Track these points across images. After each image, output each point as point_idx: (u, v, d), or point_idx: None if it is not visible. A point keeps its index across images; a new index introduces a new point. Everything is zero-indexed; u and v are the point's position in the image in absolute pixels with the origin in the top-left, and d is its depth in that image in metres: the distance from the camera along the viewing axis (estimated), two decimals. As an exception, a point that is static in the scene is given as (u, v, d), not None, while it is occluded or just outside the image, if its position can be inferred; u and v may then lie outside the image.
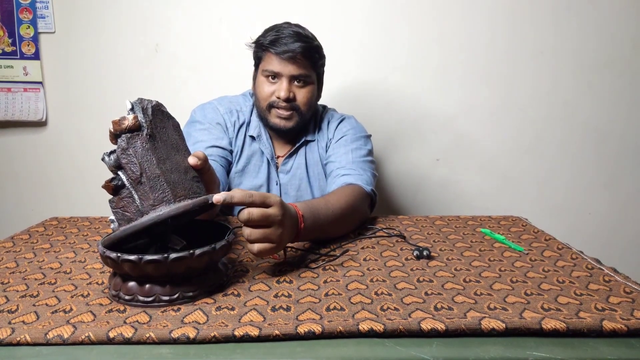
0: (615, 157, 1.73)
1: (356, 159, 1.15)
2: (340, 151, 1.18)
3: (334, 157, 1.18)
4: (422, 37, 1.64)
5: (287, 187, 1.22)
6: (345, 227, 0.96)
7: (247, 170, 1.20)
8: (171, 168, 0.65)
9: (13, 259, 0.80)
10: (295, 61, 1.10)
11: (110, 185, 0.63)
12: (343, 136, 1.21)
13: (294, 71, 1.11)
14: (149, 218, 0.60)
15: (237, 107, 1.23)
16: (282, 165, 1.22)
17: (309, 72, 1.13)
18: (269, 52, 1.12)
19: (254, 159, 1.21)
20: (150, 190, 0.61)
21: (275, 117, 1.15)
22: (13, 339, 0.52)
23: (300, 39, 1.10)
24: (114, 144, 0.63)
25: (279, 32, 1.12)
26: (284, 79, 1.12)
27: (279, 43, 1.10)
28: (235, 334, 0.52)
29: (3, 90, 1.65)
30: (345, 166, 1.13)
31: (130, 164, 0.62)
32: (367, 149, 1.21)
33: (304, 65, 1.12)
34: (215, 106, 1.22)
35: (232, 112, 1.21)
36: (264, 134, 1.21)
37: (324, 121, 1.26)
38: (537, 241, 0.90)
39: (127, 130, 0.62)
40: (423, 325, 0.53)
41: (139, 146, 0.62)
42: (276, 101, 1.13)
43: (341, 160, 1.15)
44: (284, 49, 1.09)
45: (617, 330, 0.53)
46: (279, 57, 1.10)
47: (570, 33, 1.64)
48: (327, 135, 1.24)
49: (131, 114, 0.64)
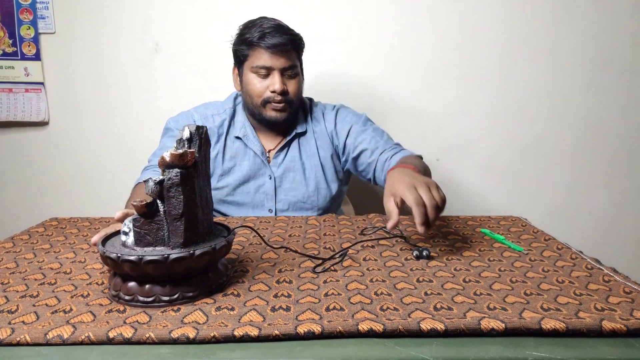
0: (614, 157, 1.73)
1: (383, 138, 1.23)
2: (366, 138, 1.23)
3: (365, 145, 1.22)
4: (422, 37, 1.64)
5: (281, 180, 1.23)
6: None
7: (234, 170, 1.21)
8: (201, 204, 0.65)
9: (13, 259, 0.80)
10: (284, 53, 1.13)
11: (145, 210, 0.61)
12: (353, 124, 1.26)
13: (285, 63, 1.13)
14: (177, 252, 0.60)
15: (213, 111, 1.25)
16: (273, 158, 1.23)
17: (296, 63, 1.17)
18: (258, 47, 1.13)
19: (239, 157, 1.21)
20: (184, 230, 0.61)
21: (270, 110, 1.16)
22: (13, 339, 0.52)
23: (285, 32, 1.14)
24: (161, 168, 0.61)
25: (263, 27, 1.13)
26: (275, 73, 1.13)
27: (267, 37, 1.12)
28: (235, 334, 0.52)
29: (5, 90, 1.65)
30: (385, 148, 1.20)
31: (175, 201, 0.61)
32: (377, 126, 1.28)
33: (292, 57, 1.15)
34: (190, 114, 1.25)
35: (206, 118, 1.23)
36: (251, 132, 1.22)
37: (317, 112, 1.28)
38: (537, 241, 0.90)
39: (183, 166, 0.61)
40: (422, 325, 0.53)
41: (189, 187, 0.62)
42: (271, 96, 1.14)
43: (375, 145, 1.21)
44: (273, 42, 1.11)
45: (617, 330, 0.53)
46: (269, 51, 1.12)
47: (570, 33, 1.64)
48: (326, 125, 1.26)
49: (188, 148, 0.63)
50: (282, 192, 1.23)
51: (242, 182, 1.21)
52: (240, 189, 1.22)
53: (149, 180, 0.60)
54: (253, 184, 1.22)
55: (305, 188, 1.23)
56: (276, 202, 1.22)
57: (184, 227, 0.61)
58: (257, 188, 1.22)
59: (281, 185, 1.23)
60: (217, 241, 0.65)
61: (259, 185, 1.22)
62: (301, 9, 1.62)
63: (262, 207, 1.22)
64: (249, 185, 1.22)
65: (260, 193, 1.22)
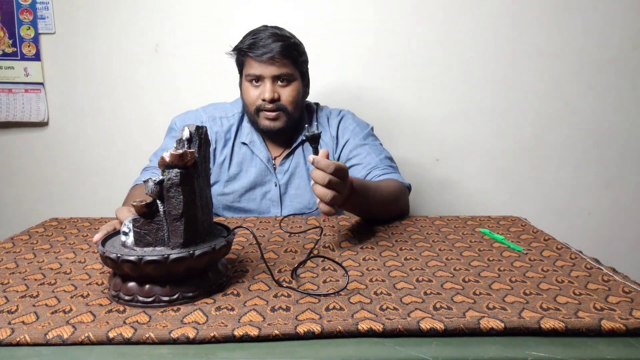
0: (615, 157, 1.73)
1: (380, 156, 1.19)
2: (361, 152, 1.20)
3: (358, 160, 1.19)
4: (422, 37, 1.64)
5: (286, 187, 1.22)
6: (388, 209, 1.02)
7: (241, 177, 1.21)
8: (201, 205, 0.65)
9: (13, 259, 0.80)
10: (274, 61, 1.12)
11: (144, 210, 0.61)
12: (353, 136, 1.23)
13: (275, 71, 1.12)
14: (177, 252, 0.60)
15: (222, 113, 1.23)
16: (279, 165, 1.23)
17: (290, 71, 1.15)
18: (248, 56, 1.14)
19: (246, 164, 1.21)
20: (184, 231, 0.61)
21: (263, 119, 1.16)
22: (13, 339, 0.52)
23: (278, 39, 1.12)
24: (160, 168, 0.61)
25: (256, 36, 1.13)
26: (266, 81, 1.13)
27: (256, 46, 1.12)
28: (234, 334, 0.52)
29: (4, 91, 1.65)
30: (377, 166, 1.16)
31: (175, 201, 0.61)
32: (379, 142, 1.24)
33: (284, 64, 1.13)
34: (199, 114, 1.23)
35: (215, 120, 1.22)
36: (257, 139, 1.21)
37: (322, 117, 1.27)
38: (536, 241, 0.90)
39: (183, 166, 0.61)
40: (422, 324, 0.53)
41: (188, 187, 0.62)
42: (262, 104, 1.14)
43: (369, 162, 1.17)
44: (262, 51, 1.11)
45: (616, 329, 0.53)
46: (258, 60, 1.12)
47: (571, 33, 1.64)
48: (330, 132, 1.25)
49: (188, 148, 0.63)
50: (287, 199, 1.22)
51: (248, 189, 1.21)
52: (247, 196, 1.21)
53: (148, 181, 0.60)
54: (259, 190, 1.22)
55: (311, 195, 1.22)
56: (282, 209, 1.22)
57: (184, 228, 0.61)
58: (264, 195, 1.22)
59: (287, 192, 1.22)
60: (217, 241, 0.65)
61: (265, 192, 1.22)
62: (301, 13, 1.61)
63: (268, 214, 1.22)
64: (255, 192, 1.22)
65: (267, 200, 1.22)
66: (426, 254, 0.82)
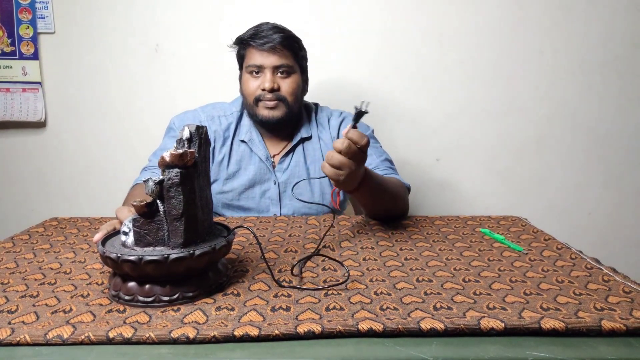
0: (615, 157, 1.73)
1: (380, 158, 1.20)
2: None
3: None
4: (422, 37, 1.64)
5: (285, 185, 1.22)
6: (393, 203, 1.03)
7: (240, 175, 1.21)
8: (201, 204, 0.65)
9: (13, 259, 0.80)
10: (276, 51, 1.13)
11: (145, 210, 0.61)
12: None
13: (276, 62, 1.14)
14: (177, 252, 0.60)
15: (221, 112, 1.24)
16: (278, 163, 1.23)
17: (290, 62, 1.16)
18: (250, 46, 1.15)
19: (245, 162, 1.21)
20: (184, 230, 0.61)
21: (262, 108, 1.17)
22: (13, 339, 0.52)
23: (279, 31, 1.15)
24: (160, 168, 0.61)
25: (258, 27, 1.16)
26: (267, 71, 1.14)
27: (258, 36, 1.14)
28: (235, 334, 0.52)
29: (2, 90, 1.65)
30: (378, 167, 1.17)
31: (175, 201, 0.61)
32: (380, 145, 1.25)
33: (285, 55, 1.15)
34: (197, 113, 1.24)
35: (213, 119, 1.23)
36: (256, 137, 1.21)
37: (323, 117, 1.28)
38: (537, 241, 0.90)
39: (183, 166, 0.61)
40: (422, 324, 0.53)
41: (189, 187, 0.61)
42: (262, 94, 1.15)
43: (370, 163, 1.17)
44: (263, 40, 1.13)
45: (616, 329, 0.53)
46: (260, 49, 1.14)
47: (571, 33, 1.64)
48: (330, 132, 1.25)
49: (188, 148, 0.63)
50: (286, 198, 1.22)
51: (247, 187, 1.21)
52: (246, 194, 1.21)
53: (149, 180, 0.60)
54: (258, 189, 1.22)
55: (311, 194, 1.23)
56: (281, 208, 1.22)
57: (184, 227, 0.61)
58: (263, 193, 1.22)
59: (286, 191, 1.22)
60: (217, 241, 0.65)
61: (264, 190, 1.22)
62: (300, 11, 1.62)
63: (267, 212, 1.22)
64: (254, 190, 1.22)
65: (266, 198, 1.22)
66: (426, 254, 0.82)
